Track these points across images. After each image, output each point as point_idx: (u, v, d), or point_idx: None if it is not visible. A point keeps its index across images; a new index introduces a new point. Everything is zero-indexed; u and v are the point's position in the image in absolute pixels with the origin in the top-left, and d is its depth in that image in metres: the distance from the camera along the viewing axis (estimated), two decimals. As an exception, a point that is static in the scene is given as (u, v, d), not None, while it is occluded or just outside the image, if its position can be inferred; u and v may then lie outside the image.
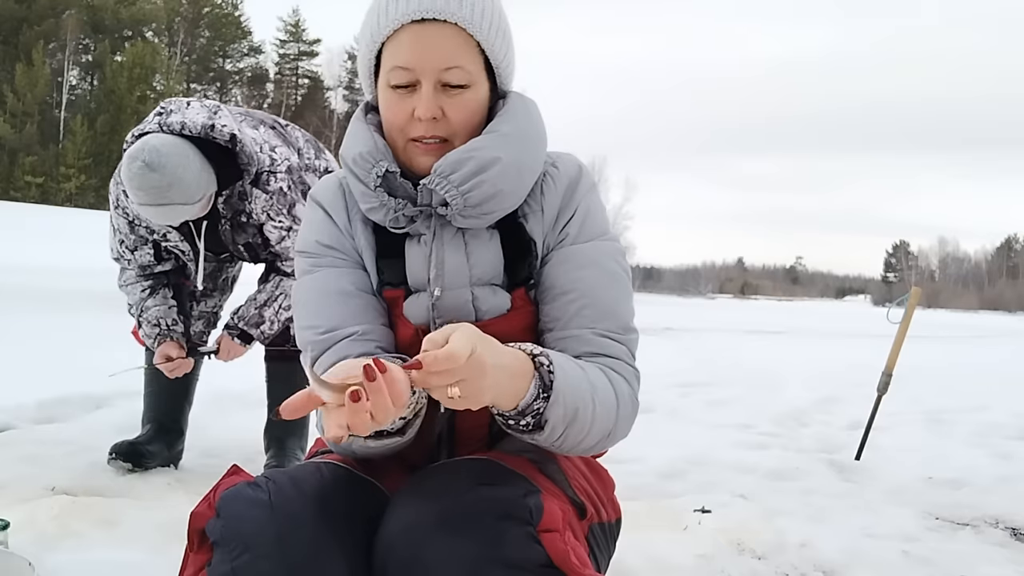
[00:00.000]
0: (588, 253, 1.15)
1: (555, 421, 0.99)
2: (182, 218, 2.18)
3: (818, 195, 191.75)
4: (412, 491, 0.97)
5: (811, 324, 18.40)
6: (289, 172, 2.31)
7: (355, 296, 1.14)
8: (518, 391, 0.96)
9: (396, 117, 1.10)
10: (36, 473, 2.34)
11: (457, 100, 1.09)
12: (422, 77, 1.07)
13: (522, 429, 1.00)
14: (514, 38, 1.16)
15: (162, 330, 2.43)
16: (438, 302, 1.12)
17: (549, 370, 0.98)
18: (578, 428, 1.02)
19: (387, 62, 1.10)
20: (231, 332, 2.40)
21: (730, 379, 5.94)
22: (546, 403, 0.98)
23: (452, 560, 0.88)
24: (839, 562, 2.11)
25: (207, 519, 0.96)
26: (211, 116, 2.19)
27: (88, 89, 55.27)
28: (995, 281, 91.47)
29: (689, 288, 74.03)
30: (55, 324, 6.06)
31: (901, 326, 3.42)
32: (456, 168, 1.08)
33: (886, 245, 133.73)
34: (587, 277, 1.13)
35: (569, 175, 1.18)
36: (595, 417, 1.04)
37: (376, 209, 1.13)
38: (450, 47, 1.07)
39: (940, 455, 3.52)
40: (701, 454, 3.24)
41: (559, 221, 1.16)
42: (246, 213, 2.30)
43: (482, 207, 1.10)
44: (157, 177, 2.05)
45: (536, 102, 1.20)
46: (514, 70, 1.18)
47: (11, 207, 32.82)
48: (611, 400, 1.07)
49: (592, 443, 1.07)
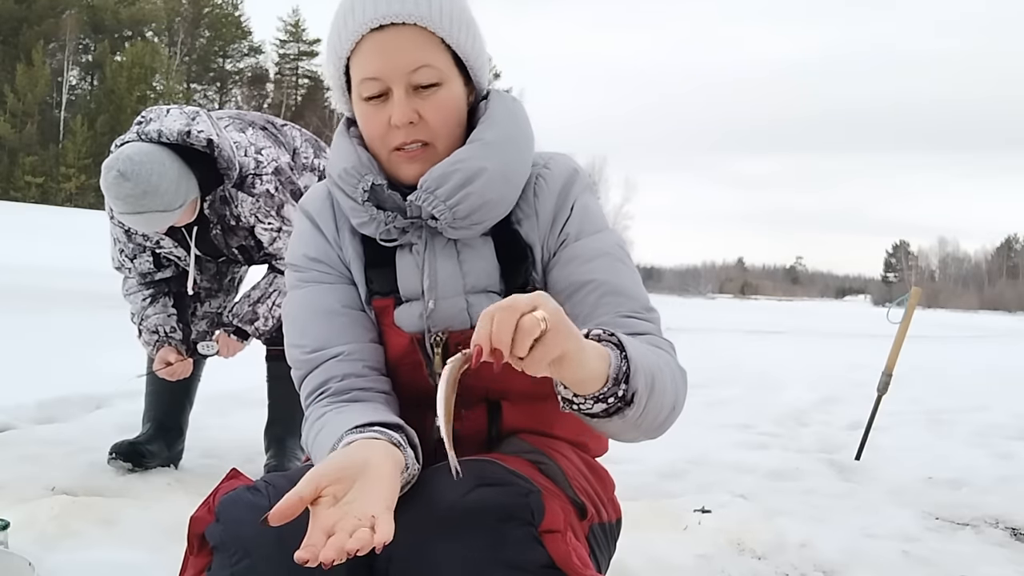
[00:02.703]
0: (594, 245, 1.13)
1: (640, 389, 0.93)
2: (165, 225, 2.19)
3: (818, 195, 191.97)
4: (413, 493, 0.96)
5: (811, 324, 18.40)
6: (276, 173, 2.31)
7: (341, 314, 1.14)
8: (601, 353, 0.89)
9: (374, 129, 1.10)
10: (36, 473, 2.34)
11: (431, 100, 1.08)
12: (392, 84, 1.06)
13: (612, 406, 0.92)
14: (481, 30, 1.14)
15: (160, 337, 2.45)
16: (431, 311, 1.11)
17: (610, 335, 0.93)
18: (657, 397, 0.97)
19: (355, 76, 1.09)
20: (227, 330, 2.42)
21: (730, 379, 5.93)
22: (627, 364, 0.91)
23: (454, 561, 0.88)
24: (839, 562, 2.10)
25: (207, 523, 0.96)
26: (188, 122, 2.19)
27: (88, 89, 55.31)
28: (995, 281, 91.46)
29: (689, 288, 74.01)
30: (55, 324, 6.06)
31: (901, 326, 3.42)
32: (442, 182, 1.07)
33: (886, 245, 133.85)
34: (599, 267, 1.11)
35: (563, 176, 1.16)
36: (666, 384, 0.99)
37: (367, 223, 1.12)
38: (414, 48, 1.06)
39: (940, 455, 3.52)
40: (701, 454, 3.24)
41: (556, 223, 1.15)
42: (233, 217, 2.30)
43: (471, 218, 1.09)
44: (131, 186, 2.07)
45: (520, 101, 1.20)
46: (487, 64, 1.17)
47: (11, 207, 32.80)
48: (669, 366, 1.04)
49: (665, 415, 1.02)
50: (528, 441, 1.13)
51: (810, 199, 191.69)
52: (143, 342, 2.49)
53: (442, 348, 1.12)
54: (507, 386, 1.12)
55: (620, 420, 0.94)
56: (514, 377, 1.13)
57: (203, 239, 2.37)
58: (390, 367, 1.15)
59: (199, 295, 2.58)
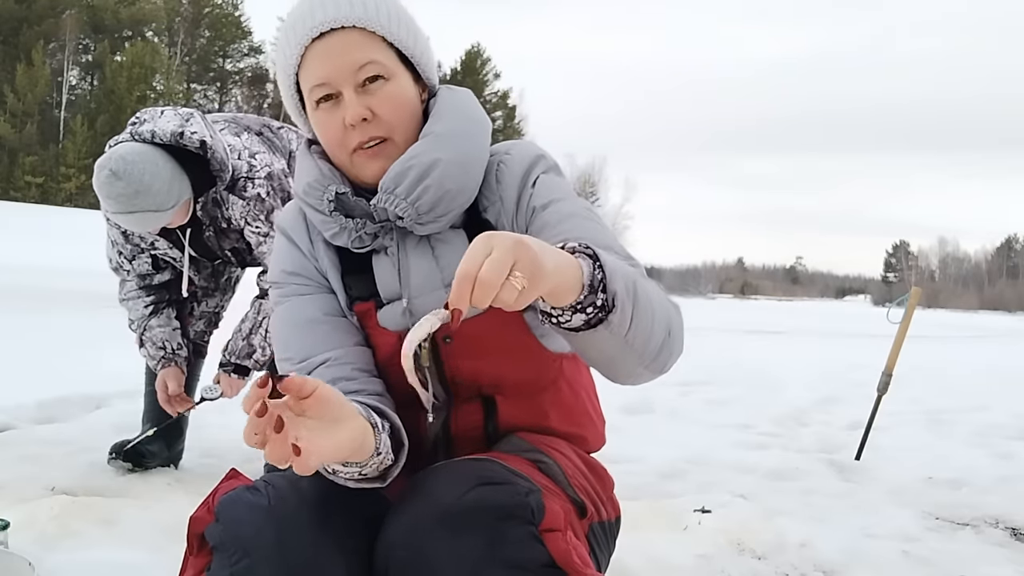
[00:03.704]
0: (562, 209, 1.13)
1: (621, 294, 0.89)
2: (157, 225, 2.20)
3: (818, 195, 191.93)
4: (412, 492, 0.96)
5: (811, 324, 18.40)
6: (268, 178, 2.31)
7: (323, 322, 1.15)
8: (573, 263, 0.86)
9: (331, 132, 1.11)
10: (36, 473, 2.34)
11: (381, 95, 1.10)
12: (340, 86, 1.09)
13: (592, 316, 0.89)
14: (421, 27, 1.17)
15: (167, 354, 2.46)
16: (413, 308, 1.13)
17: (584, 247, 0.90)
18: (643, 308, 0.93)
19: (306, 86, 1.11)
20: (226, 369, 2.41)
21: (730, 379, 5.93)
22: (603, 272, 0.88)
23: (454, 560, 0.88)
24: (839, 562, 2.11)
25: (206, 523, 0.96)
26: (182, 124, 2.19)
27: (88, 89, 55.28)
28: (995, 281, 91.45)
29: (689, 288, 74.01)
30: (55, 324, 6.06)
31: (901, 326, 3.42)
32: (399, 180, 1.09)
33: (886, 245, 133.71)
34: (571, 227, 1.10)
35: (524, 161, 1.17)
36: (651, 299, 0.96)
37: (338, 234, 1.14)
38: (356, 48, 1.09)
39: (940, 455, 3.52)
40: (701, 454, 3.24)
41: (521, 202, 1.15)
42: (225, 219, 2.31)
43: (434, 211, 1.10)
44: (123, 185, 2.07)
45: (469, 91, 1.21)
46: (433, 60, 1.18)
47: (11, 207, 32.82)
48: (656, 290, 1.00)
49: (660, 339, 0.98)
50: (527, 440, 1.14)
51: (810, 199, 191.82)
52: (146, 355, 2.49)
53: (429, 341, 1.12)
54: (500, 380, 1.13)
55: (607, 332, 0.90)
56: (507, 370, 1.14)
57: (197, 241, 2.37)
58: (380, 368, 1.15)
59: (196, 295, 2.59)
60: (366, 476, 0.96)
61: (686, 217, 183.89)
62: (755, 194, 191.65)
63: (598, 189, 59.77)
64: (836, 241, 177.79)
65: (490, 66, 62.94)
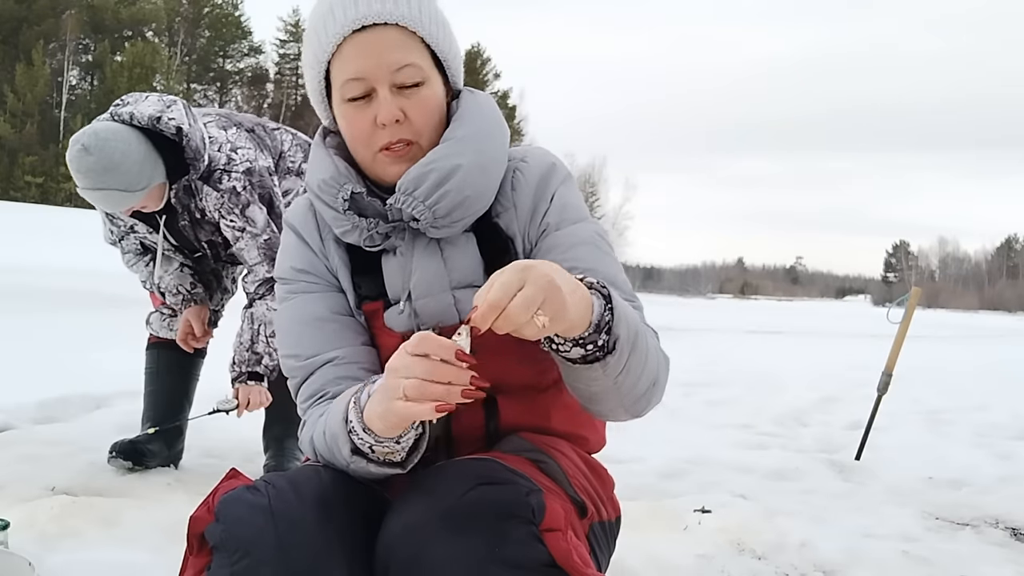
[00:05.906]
0: (576, 233, 1.14)
1: (623, 339, 0.94)
2: (126, 205, 2.19)
3: (818, 195, 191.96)
4: (413, 491, 0.96)
5: (811, 324, 18.41)
6: (247, 174, 2.31)
7: (331, 321, 1.15)
8: (588, 300, 0.90)
9: (359, 130, 1.10)
10: (36, 473, 2.34)
11: (415, 99, 1.09)
12: (376, 83, 1.07)
13: (590, 352, 0.93)
14: (454, 30, 1.16)
15: (184, 295, 2.48)
16: (420, 310, 1.12)
17: (601, 286, 0.94)
18: (639, 357, 0.98)
19: (338, 78, 1.09)
20: (240, 380, 2.40)
21: (730, 379, 5.94)
22: (612, 315, 0.93)
23: (454, 560, 0.88)
24: (839, 562, 2.11)
25: (206, 523, 0.96)
26: (162, 109, 2.20)
27: (88, 89, 55.23)
28: (995, 281, 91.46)
29: (689, 288, 74.02)
30: (55, 324, 6.05)
31: (901, 326, 3.43)
32: (419, 183, 1.08)
33: (886, 245, 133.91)
34: (582, 255, 1.12)
35: (540, 169, 1.18)
36: (648, 350, 1.00)
37: (350, 231, 1.14)
38: (397, 48, 1.07)
39: (940, 455, 3.52)
40: (701, 454, 3.24)
41: (536, 214, 1.16)
42: (199, 209, 2.31)
43: (451, 216, 1.10)
44: (93, 160, 2.07)
45: (489, 96, 1.21)
46: (461, 63, 1.18)
47: (11, 207, 32.78)
48: (655, 341, 1.05)
49: (645, 387, 1.03)
50: (528, 440, 1.13)
51: (810, 199, 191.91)
52: (170, 303, 2.51)
53: None
54: (502, 380, 1.13)
55: (601, 370, 0.94)
56: (509, 370, 1.14)
57: (173, 229, 2.38)
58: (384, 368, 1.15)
59: (195, 297, 2.58)
60: (395, 453, 0.98)
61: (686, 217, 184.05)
62: (755, 194, 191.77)
63: (598, 189, 59.76)
64: (836, 241, 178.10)
65: (490, 66, 62.98)
